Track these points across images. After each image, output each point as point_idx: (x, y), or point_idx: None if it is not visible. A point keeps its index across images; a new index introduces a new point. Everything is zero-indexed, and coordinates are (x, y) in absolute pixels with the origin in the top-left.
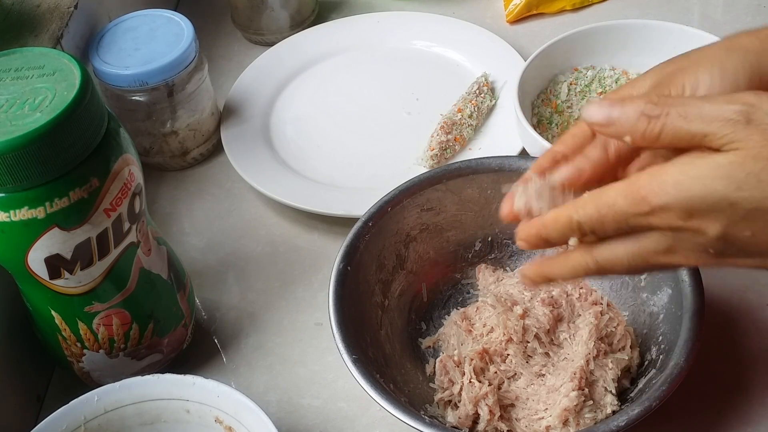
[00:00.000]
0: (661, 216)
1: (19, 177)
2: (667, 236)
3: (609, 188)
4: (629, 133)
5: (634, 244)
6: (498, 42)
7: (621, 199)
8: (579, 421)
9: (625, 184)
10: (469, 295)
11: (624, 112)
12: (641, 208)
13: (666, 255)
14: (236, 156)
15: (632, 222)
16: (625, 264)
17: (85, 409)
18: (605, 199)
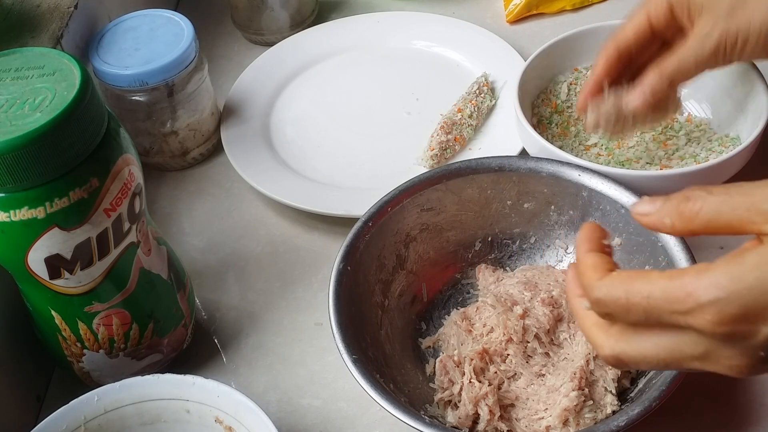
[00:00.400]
0: (705, 315)
1: (19, 177)
2: (707, 340)
3: (645, 277)
4: (669, 215)
5: (665, 345)
6: (498, 42)
7: (659, 293)
8: (579, 421)
9: (666, 276)
10: (469, 295)
11: (667, 199)
12: (684, 305)
13: (702, 361)
14: (236, 156)
15: (666, 319)
16: (651, 364)
17: (85, 409)
18: (639, 287)
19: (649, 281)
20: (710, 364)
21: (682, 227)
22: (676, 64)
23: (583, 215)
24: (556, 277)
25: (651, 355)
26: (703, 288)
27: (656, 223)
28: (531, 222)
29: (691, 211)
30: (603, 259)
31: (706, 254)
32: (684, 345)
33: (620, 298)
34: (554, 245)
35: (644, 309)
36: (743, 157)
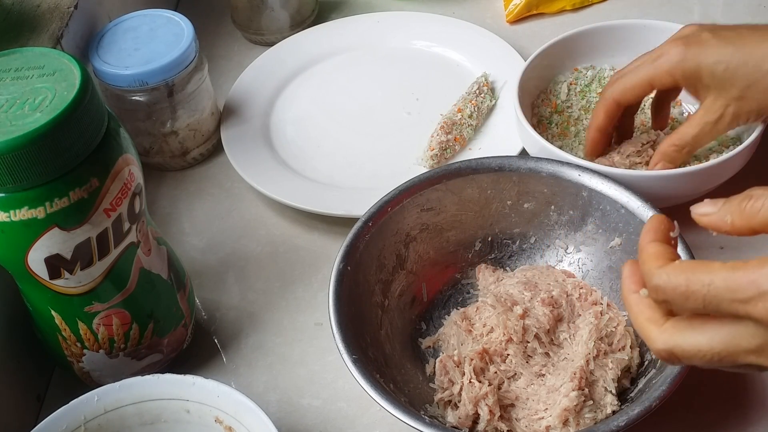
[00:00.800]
0: (766, 304)
1: (19, 177)
2: (763, 331)
3: (708, 266)
4: (730, 213)
5: (720, 338)
6: (498, 42)
7: (721, 281)
8: (579, 421)
9: (728, 267)
10: (469, 295)
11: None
12: (746, 293)
13: (758, 354)
14: (236, 156)
15: (725, 307)
16: (705, 359)
17: (85, 409)
18: (701, 275)
19: (710, 271)
20: (766, 357)
21: (742, 224)
22: (691, 144)
23: (583, 215)
24: (556, 277)
25: (706, 348)
26: (766, 276)
27: (717, 222)
28: (531, 222)
29: (753, 207)
30: (666, 250)
31: (707, 254)
32: (741, 337)
33: (680, 286)
34: (554, 245)
35: (704, 297)
36: (743, 158)
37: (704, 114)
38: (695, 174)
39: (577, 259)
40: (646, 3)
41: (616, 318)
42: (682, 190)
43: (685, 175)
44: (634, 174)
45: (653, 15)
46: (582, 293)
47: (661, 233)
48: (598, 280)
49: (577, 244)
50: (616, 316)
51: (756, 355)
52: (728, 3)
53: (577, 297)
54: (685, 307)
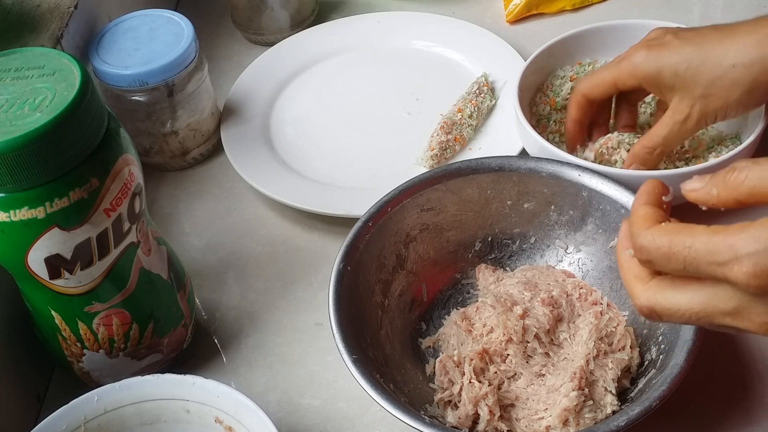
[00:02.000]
0: (742, 267)
1: (19, 177)
2: (739, 294)
3: (690, 229)
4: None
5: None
6: (498, 42)
7: (701, 244)
8: (579, 421)
9: (710, 230)
10: (469, 295)
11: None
12: (723, 256)
13: (733, 317)
14: (236, 156)
15: (703, 269)
16: (684, 317)
17: (85, 409)
18: (683, 237)
19: (692, 234)
20: (741, 320)
21: (727, 195)
22: (662, 145)
23: (583, 215)
24: (556, 277)
25: (684, 307)
26: (743, 241)
27: (704, 196)
28: (531, 222)
29: (737, 179)
30: (656, 213)
31: None
32: (718, 299)
33: (663, 246)
34: (554, 245)
35: (684, 258)
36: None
37: (672, 115)
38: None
39: (577, 259)
40: (646, 3)
41: (616, 318)
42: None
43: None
44: (634, 174)
45: (653, 15)
46: (582, 293)
47: (654, 196)
48: (598, 280)
49: (577, 244)
50: (616, 316)
51: (731, 317)
52: (728, 3)
53: (577, 297)
54: (668, 267)
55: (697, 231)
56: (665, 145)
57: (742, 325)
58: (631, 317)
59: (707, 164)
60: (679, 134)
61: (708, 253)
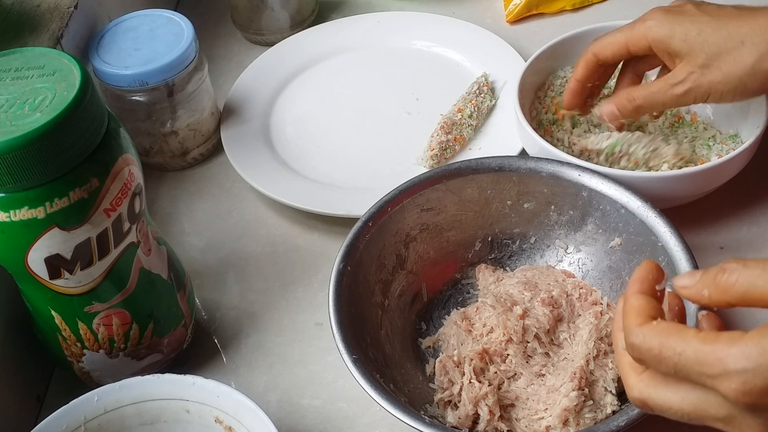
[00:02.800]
0: (731, 384)
1: (19, 177)
2: (731, 405)
3: (681, 333)
4: (706, 286)
5: (690, 401)
6: (498, 42)
7: (691, 352)
8: (579, 421)
9: (701, 338)
10: (469, 295)
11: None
12: (713, 369)
13: (725, 423)
14: (236, 156)
15: (694, 378)
16: (676, 415)
17: (85, 409)
18: (673, 342)
19: (683, 339)
20: (732, 427)
21: (719, 298)
22: (644, 98)
23: (583, 215)
24: (556, 277)
25: (676, 407)
26: (733, 356)
27: (695, 296)
28: (531, 222)
29: (727, 282)
30: (649, 305)
31: (707, 254)
32: (708, 405)
33: (653, 349)
34: (554, 245)
35: (675, 364)
36: (744, 159)
37: (667, 77)
38: (696, 175)
39: (577, 259)
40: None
41: None
42: (683, 190)
43: (685, 176)
44: (634, 175)
45: None
46: (582, 293)
47: (648, 284)
48: (598, 280)
49: (577, 244)
50: None
51: (723, 423)
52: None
53: (577, 297)
54: (659, 369)
55: (688, 337)
56: (646, 100)
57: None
58: None
59: (708, 165)
60: (665, 96)
61: (698, 364)
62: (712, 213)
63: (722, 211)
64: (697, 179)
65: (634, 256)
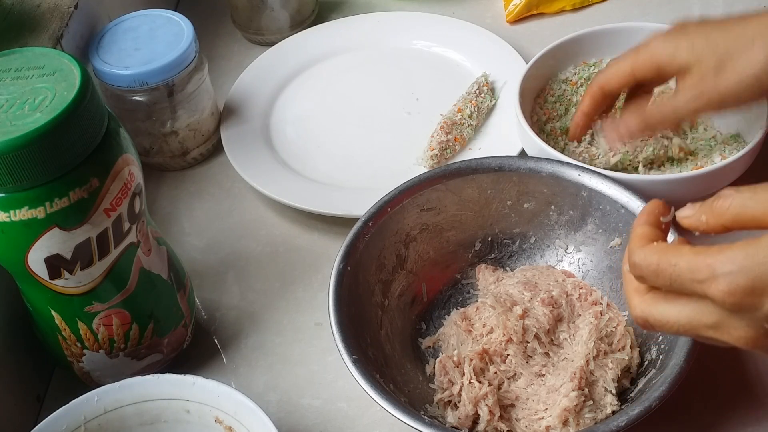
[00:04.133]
0: (719, 285)
1: (19, 177)
2: (719, 310)
3: (678, 249)
4: (704, 212)
5: (686, 313)
6: (498, 42)
7: (684, 263)
8: (579, 421)
9: (694, 251)
10: (469, 295)
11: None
12: (702, 274)
13: (715, 330)
14: (236, 156)
15: (687, 286)
16: (674, 329)
17: (85, 409)
18: (670, 257)
19: (678, 253)
20: (721, 333)
21: (715, 222)
22: (659, 117)
23: (583, 215)
24: (556, 277)
25: (673, 320)
26: (720, 261)
27: (695, 223)
28: (531, 222)
29: (722, 206)
30: (653, 233)
31: None
32: (701, 314)
33: (652, 264)
34: (554, 245)
35: (670, 275)
36: (746, 161)
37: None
38: (697, 177)
39: (577, 259)
40: (646, 3)
41: (616, 318)
42: (685, 193)
43: (687, 178)
44: (635, 177)
45: (653, 15)
46: (582, 293)
47: (654, 216)
48: (598, 280)
49: (577, 244)
50: (616, 316)
51: (713, 330)
52: (728, 3)
53: (577, 297)
54: (657, 283)
55: (683, 251)
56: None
57: (723, 338)
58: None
59: (710, 168)
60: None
61: (690, 272)
62: None
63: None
64: (699, 182)
65: None
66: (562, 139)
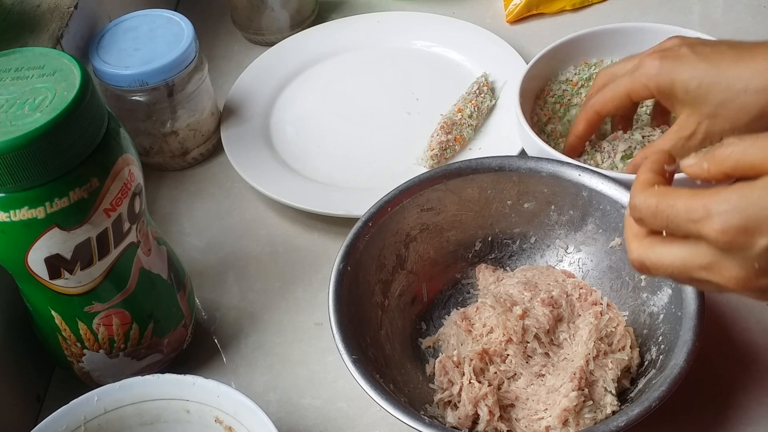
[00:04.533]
0: (713, 224)
1: (19, 177)
2: (713, 251)
3: (676, 192)
4: (706, 160)
5: (680, 254)
6: (498, 42)
7: (682, 203)
8: (579, 422)
9: (691, 193)
10: (469, 295)
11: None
12: (698, 213)
13: (708, 271)
14: (236, 156)
15: (683, 226)
16: (668, 271)
17: (85, 409)
18: (669, 198)
19: (676, 195)
20: (714, 274)
21: (716, 169)
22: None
23: (584, 215)
24: (556, 277)
25: (668, 262)
26: (716, 201)
27: (698, 170)
28: (531, 222)
29: (723, 154)
30: (655, 179)
31: None
32: (696, 254)
33: (651, 206)
34: (554, 245)
35: (668, 216)
36: None
37: (678, 130)
38: None
39: (577, 259)
40: (646, 3)
41: (616, 318)
42: None
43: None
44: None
45: (653, 15)
46: (582, 293)
47: (658, 164)
48: (598, 280)
49: (577, 244)
50: (616, 316)
51: (706, 271)
52: (728, 3)
53: (577, 297)
54: (655, 224)
55: (681, 193)
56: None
57: (715, 279)
58: (631, 317)
59: None
60: (682, 149)
61: (686, 212)
62: None
63: None
64: None
65: None
66: (562, 140)
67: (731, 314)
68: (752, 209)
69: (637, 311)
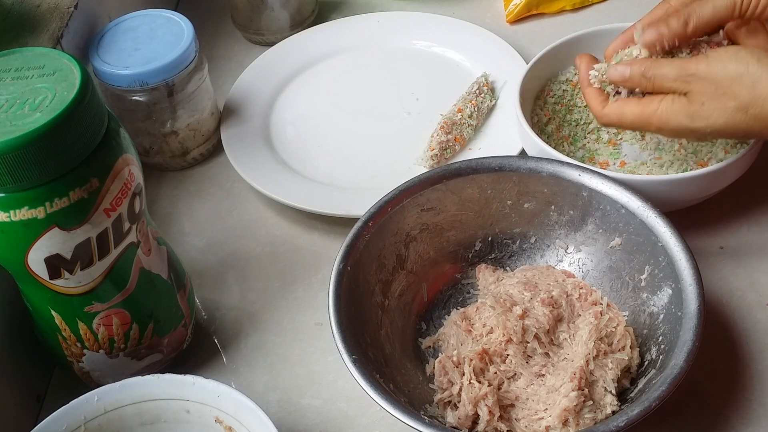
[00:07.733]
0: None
1: (19, 177)
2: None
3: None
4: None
5: (638, 104)
6: (498, 42)
7: (670, 69)
8: (579, 422)
9: (680, 61)
10: (469, 295)
11: None
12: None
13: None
14: (236, 156)
15: (667, 85)
16: (628, 119)
17: (85, 409)
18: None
19: (660, 63)
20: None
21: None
22: (696, 16)
23: (584, 215)
24: (556, 277)
25: (628, 112)
26: (694, 62)
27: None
28: (531, 222)
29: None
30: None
31: (707, 255)
32: (648, 105)
33: (638, 71)
34: (554, 245)
35: (653, 75)
36: (746, 162)
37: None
38: (697, 178)
39: (577, 259)
40: (647, 3)
41: (616, 318)
42: (685, 194)
43: (687, 179)
44: (635, 178)
45: None
46: (582, 293)
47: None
48: (598, 280)
49: (577, 244)
50: (616, 316)
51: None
52: None
53: (577, 297)
54: (641, 84)
55: (671, 61)
56: (698, 17)
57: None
58: (631, 317)
59: (710, 169)
60: (712, 10)
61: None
62: (712, 213)
63: (722, 212)
64: (700, 183)
65: (634, 256)
66: (562, 140)
67: (731, 314)
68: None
69: (637, 311)
